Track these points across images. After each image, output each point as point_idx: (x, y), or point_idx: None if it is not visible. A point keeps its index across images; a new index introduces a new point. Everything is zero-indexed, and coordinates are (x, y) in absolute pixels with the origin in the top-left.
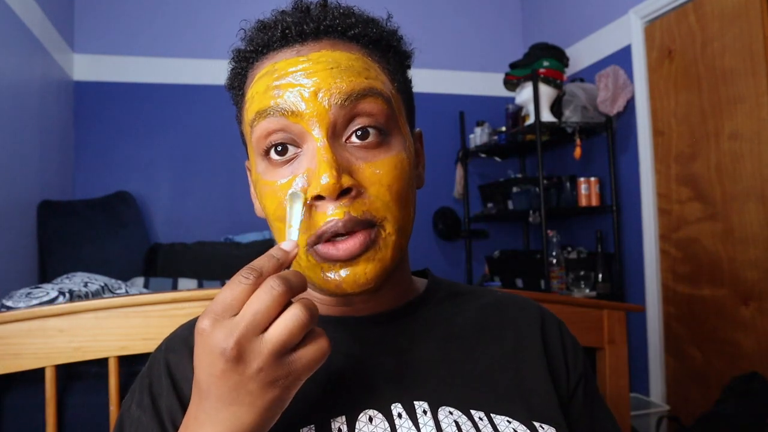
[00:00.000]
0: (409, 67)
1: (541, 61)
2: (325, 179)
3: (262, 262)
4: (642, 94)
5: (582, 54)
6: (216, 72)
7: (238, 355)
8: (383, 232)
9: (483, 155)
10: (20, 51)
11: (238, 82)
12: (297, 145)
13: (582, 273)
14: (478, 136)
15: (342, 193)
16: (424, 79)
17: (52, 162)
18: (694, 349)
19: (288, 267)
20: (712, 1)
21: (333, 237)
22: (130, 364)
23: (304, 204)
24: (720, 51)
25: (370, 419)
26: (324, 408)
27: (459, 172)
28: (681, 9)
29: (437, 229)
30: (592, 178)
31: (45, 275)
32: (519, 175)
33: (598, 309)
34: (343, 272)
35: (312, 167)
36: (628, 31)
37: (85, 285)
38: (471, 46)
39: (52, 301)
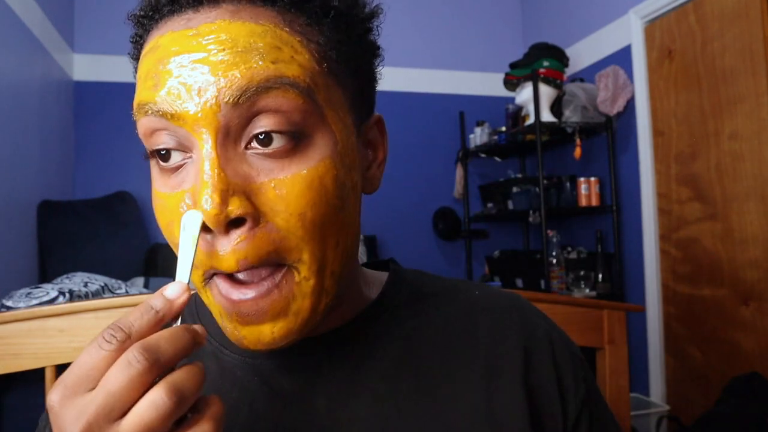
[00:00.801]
0: (366, 29)
1: (541, 61)
2: (206, 205)
3: (133, 317)
4: (642, 94)
5: (582, 54)
6: None
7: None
8: (297, 276)
9: (483, 155)
10: (20, 51)
11: (136, 52)
12: (185, 150)
13: (582, 273)
14: (478, 136)
15: (234, 223)
16: (424, 79)
17: (52, 162)
18: (694, 349)
19: (175, 318)
20: (712, 1)
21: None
22: None
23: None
24: (720, 51)
25: None
26: None
27: (459, 172)
28: (681, 9)
29: (437, 229)
30: (592, 178)
31: (45, 275)
32: (519, 175)
33: (598, 309)
34: (244, 330)
35: (197, 184)
36: (628, 31)
37: (85, 285)
38: (471, 46)
39: (52, 301)
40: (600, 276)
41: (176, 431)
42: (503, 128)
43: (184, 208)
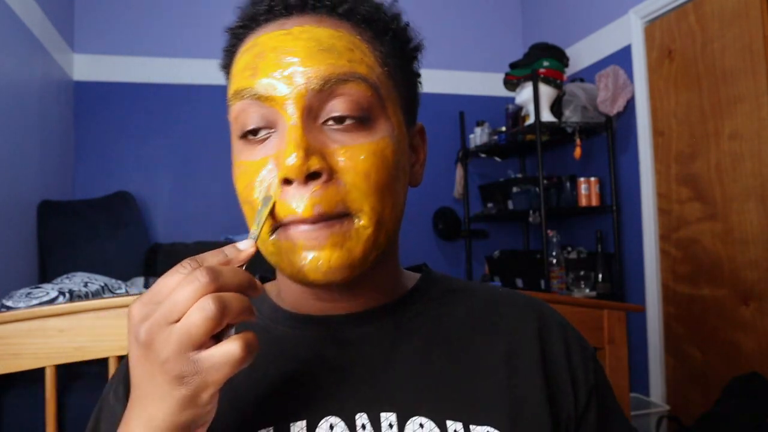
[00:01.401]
0: (413, 57)
1: (541, 61)
2: (291, 160)
3: (207, 254)
4: (642, 94)
5: (582, 54)
6: (216, 72)
7: (148, 341)
8: (356, 223)
9: (483, 155)
10: (20, 51)
11: (228, 60)
12: (271, 127)
13: (582, 273)
14: (478, 136)
15: (312, 177)
16: (424, 79)
17: (52, 162)
18: (694, 349)
19: (242, 267)
20: (712, 1)
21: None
22: None
23: (271, 210)
24: (720, 51)
25: (331, 427)
26: (286, 409)
27: (459, 172)
28: (681, 9)
29: (437, 229)
30: (592, 178)
31: (45, 275)
32: (519, 175)
33: (598, 309)
34: (307, 255)
35: (282, 148)
36: (628, 31)
37: (85, 285)
38: (471, 46)
39: (52, 301)
40: (600, 276)
41: (210, 342)
42: (503, 128)
43: (265, 171)
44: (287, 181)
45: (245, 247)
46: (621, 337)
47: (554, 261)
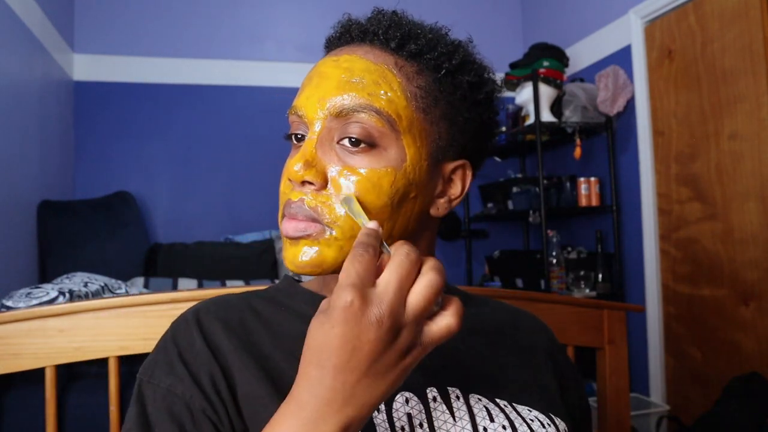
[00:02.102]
0: (475, 95)
1: (541, 61)
2: (294, 166)
3: (364, 239)
4: (642, 94)
5: (582, 54)
6: (216, 72)
7: (391, 325)
8: (328, 234)
9: None
10: (20, 51)
11: None
12: (307, 135)
13: (582, 273)
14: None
15: (308, 183)
16: None
17: (52, 162)
18: (694, 349)
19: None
20: (712, 1)
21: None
22: (130, 364)
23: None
24: (720, 51)
25: (407, 401)
26: None
27: None
28: (681, 9)
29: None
30: (592, 178)
31: (45, 275)
32: (519, 175)
33: (598, 309)
34: (289, 250)
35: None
36: (628, 31)
37: (85, 285)
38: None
39: (52, 301)
40: (600, 276)
41: (430, 320)
42: (503, 128)
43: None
44: (290, 180)
45: (374, 225)
46: (621, 337)
47: (554, 261)
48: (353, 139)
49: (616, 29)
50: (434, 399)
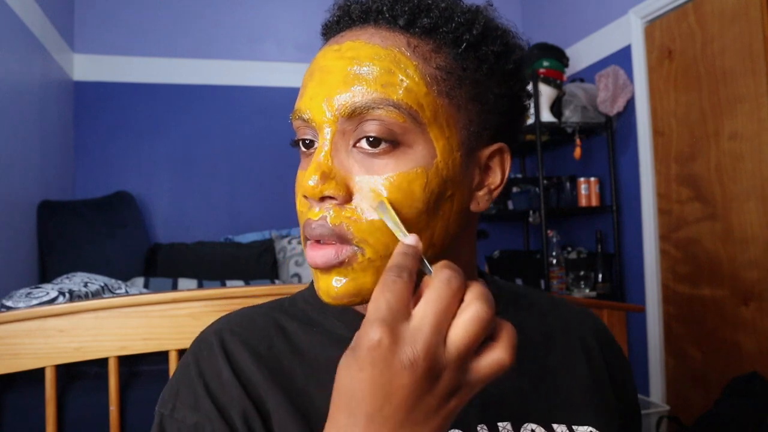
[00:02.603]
0: (501, 67)
1: (541, 61)
2: (310, 181)
3: (400, 260)
4: (642, 94)
5: (582, 54)
6: (216, 72)
7: (428, 368)
8: (360, 257)
9: None
10: (20, 51)
11: None
12: (318, 140)
13: (582, 273)
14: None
15: (328, 198)
16: None
17: (52, 162)
18: (694, 349)
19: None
20: (712, 1)
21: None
22: (130, 364)
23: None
24: (720, 51)
25: None
26: None
27: None
28: (681, 9)
29: None
30: (592, 178)
31: (45, 275)
32: (519, 175)
33: (598, 309)
34: (320, 279)
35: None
36: (628, 31)
37: (85, 285)
38: None
39: (52, 301)
40: (600, 276)
41: (478, 355)
42: None
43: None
44: (306, 197)
45: (414, 241)
46: (621, 337)
47: (554, 261)
48: (372, 138)
49: (616, 29)
50: None
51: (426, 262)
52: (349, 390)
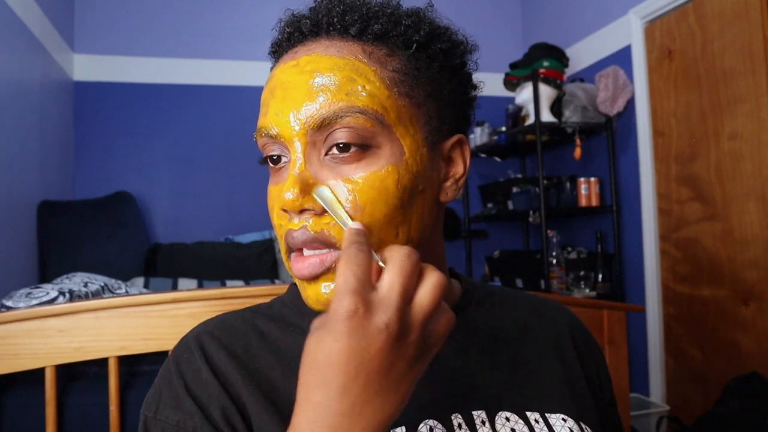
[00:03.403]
0: (450, 62)
1: (541, 61)
2: (288, 195)
3: (355, 237)
4: (642, 94)
5: (582, 54)
6: (216, 72)
7: (400, 331)
8: None
9: (483, 155)
10: (20, 51)
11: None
12: (286, 156)
13: (582, 273)
14: (478, 136)
15: (306, 210)
16: None
17: (52, 162)
18: (694, 349)
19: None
20: (712, 1)
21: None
22: (130, 364)
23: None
24: (720, 51)
25: (431, 429)
26: None
27: None
28: (681, 9)
29: None
30: (592, 178)
31: (45, 275)
32: (519, 175)
33: (598, 309)
34: (308, 290)
35: (285, 181)
36: (628, 32)
37: (85, 285)
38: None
39: (52, 301)
40: (600, 276)
41: (434, 317)
42: (503, 128)
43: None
44: (285, 210)
45: (359, 225)
46: (621, 337)
47: (554, 261)
48: (342, 145)
49: (616, 29)
50: (459, 426)
51: (373, 250)
52: (323, 364)
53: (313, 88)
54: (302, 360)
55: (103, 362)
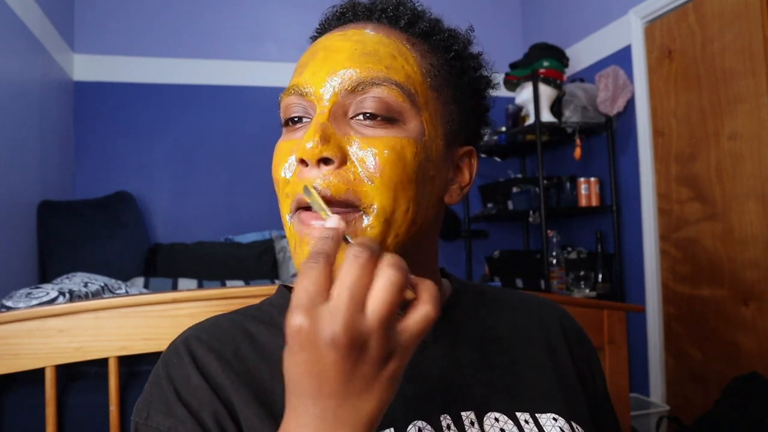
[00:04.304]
0: (473, 83)
1: (541, 61)
2: (308, 144)
3: (319, 245)
4: (642, 94)
5: (582, 54)
6: (216, 72)
7: (350, 340)
8: (364, 221)
9: (483, 155)
10: (20, 51)
11: None
12: (309, 116)
13: (582, 273)
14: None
15: (326, 162)
16: None
17: (52, 162)
18: (694, 349)
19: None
20: (712, 1)
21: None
22: (130, 364)
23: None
24: (720, 51)
25: (419, 431)
26: None
27: None
28: (681, 9)
29: None
30: (592, 178)
31: (45, 275)
32: (519, 175)
33: (598, 309)
34: (307, 250)
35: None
36: (628, 32)
37: (85, 285)
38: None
39: (52, 301)
40: (600, 276)
41: (403, 316)
42: (503, 128)
43: (293, 150)
44: (303, 162)
45: (335, 223)
46: (621, 337)
47: (554, 261)
48: (369, 114)
49: (616, 29)
50: (448, 427)
51: (350, 240)
52: (292, 377)
53: (356, 54)
54: (283, 368)
55: (103, 362)
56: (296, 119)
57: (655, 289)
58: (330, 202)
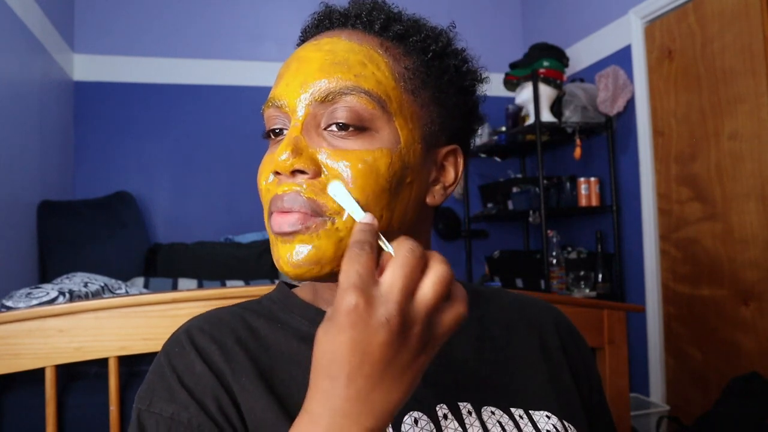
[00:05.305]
0: (460, 82)
1: (541, 61)
2: (281, 156)
3: (360, 236)
4: (642, 94)
5: (582, 54)
6: (216, 72)
7: (401, 324)
8: (330, 225)
9: (483, 155)
10: (20, 51)
11: None
12: (288, 128)
13: (582, 273)
14: (478, 137)
15: (300, 173)
16: None
17: (52, 162)
18: (694, 349)
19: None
20: (712, 1)
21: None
22: (130, 364)
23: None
24: (720, 51)
25: (416, 421)
26: None
27: None
28: (681, 9)
29: (437, 229)
30: (592, 178)
31: (45, 275)
32: (519, 175)
33: (598, 309)
34: (281, 248)
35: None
36: (628, 32)
37: (85, 285)
38: (471, 46)
39: (52, 301)
40: (600, 276)
41: (441, 311)
42: (503, 128)
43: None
44: (277, 173)
45: (369, 219)
46: (621, 337)
47: (554, 261)
48: (341, 124)
49: (616, 29)
50: (445, 417)
51: (384, 240)
52: (330, 354)
53: (326, 64)
54: (314, 348)
55: (103, 362)
56: (277, 131)
57: (655, 289)
58: (296, 202)
